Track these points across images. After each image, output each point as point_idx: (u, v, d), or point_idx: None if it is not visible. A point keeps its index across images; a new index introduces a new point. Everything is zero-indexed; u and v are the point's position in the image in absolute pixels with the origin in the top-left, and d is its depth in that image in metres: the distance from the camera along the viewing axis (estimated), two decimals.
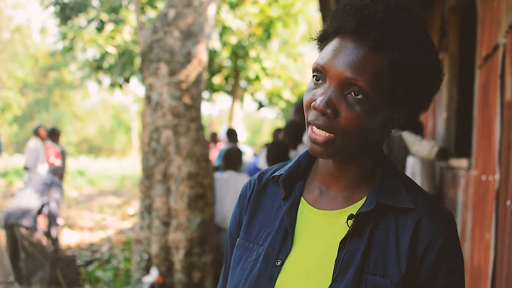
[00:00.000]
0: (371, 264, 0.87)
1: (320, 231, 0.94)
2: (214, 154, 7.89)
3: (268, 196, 1.03)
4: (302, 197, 0.99)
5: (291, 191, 0.99)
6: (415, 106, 0.93)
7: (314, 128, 0.88)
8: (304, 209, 0.97)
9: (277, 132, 6.68)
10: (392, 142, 3.87)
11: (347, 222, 0.90)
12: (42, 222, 5.26)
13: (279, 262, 0.93)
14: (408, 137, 3.92)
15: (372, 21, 0.86)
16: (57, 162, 8.06)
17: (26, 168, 7.64)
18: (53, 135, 7.97)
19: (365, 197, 0.93)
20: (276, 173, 1.03)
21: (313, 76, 0.91)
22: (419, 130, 4.39)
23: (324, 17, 6.90)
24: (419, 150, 3.84)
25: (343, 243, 0.89)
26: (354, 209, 0.92)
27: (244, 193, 1.07)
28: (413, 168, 4.46)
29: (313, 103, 0.88)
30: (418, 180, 4.32)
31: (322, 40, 0.95)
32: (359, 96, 0.85)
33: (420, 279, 0.87)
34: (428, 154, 3.80)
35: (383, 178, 0.93)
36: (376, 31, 0.85)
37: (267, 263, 0.94)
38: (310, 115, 0.89)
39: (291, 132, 4.27)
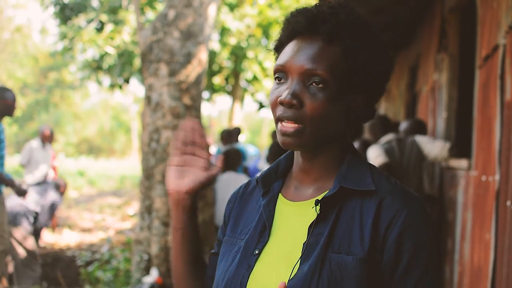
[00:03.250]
0: (336, 244, 0.92)
1: (294, 220, 1.00)
2: None
3: (254, 198, 1.11)
4: (280, 193, 1.06)
5: (270, 188, 1.06)
6: (371, 91, 1.00)
7: (284, 122, 0.95)
8: (281, 203, 1.04)
9: (276, 133, 6.69)
10: (404, 147, 3.86)
11: (315, 208, 0.96)
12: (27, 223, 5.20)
13: (256, 251, 0.99)
14: (421, 139, 3.92)
15: (321, 17, 0.95)
16: (55, 164, 8.05)
17: (23, 166, 7.65)
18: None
19: None
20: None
21: (275, 78, 0.99)
22: (424, 131, 4.38)
23: None
24: (431, 149, 3.83)
25: (310, 227, 0.95)
26: (321, 196, 0.98)
27: (231, 198, 1.16)
28: None
29: (279, 98, 0.95)
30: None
31: (278, 48, 1.04)
32: (320, 85, 0.93)
33: (385, 256, 0.91)
34: (440, 152, 3.78)
35: (349, 166, 0.99)
36: (326, 25, 0.94)
37: (246, 254, 1.00)
38: (278, 111, 0.96)
39: None
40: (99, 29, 10.54)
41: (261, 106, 14.50)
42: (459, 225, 3.44)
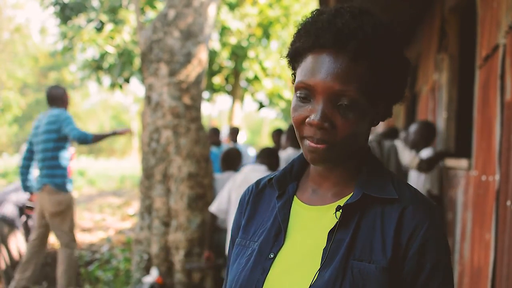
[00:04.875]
0: (357, 251, 0.92)
1: (311, 225, 0.99)
2: None
3: (266, 198, 1.09)
4: (295, 196, 1.04)
5: (285, 190, 1.05)
6: (392, 99, 1.00)
7: (313, 141, 0.92)
8: (297, 206, 1.02)
9: (276, 133, 6.69)
10: (382, 150, 3.93)
11: (335, 214, 0.95)
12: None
13: (271, 255, 0.98)
14: (399, 144, 4.00)
15: (347, 32, 0.90)
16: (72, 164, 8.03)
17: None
18: None
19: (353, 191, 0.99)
20: (272, 176, 1.09)
21: (297, 95, 0.94)
22: (429, 132, 4.37)
23: None
24: (402, 157, 3.93)
25: (331, 233, 0.94)
26: (342, 202, 0.97)
27: (243, 197, 1.13)
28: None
29: (307, 119, 0.91)
30: (421, 181, 4.30)
31: (295, 56, 0.98)
32: (350, 105, 0.90)
33: (406, 266, 0.91)
34: (410, 163, 3.89)
35: (370, 173, 0.98)
36: (353, 42, 0.89)
37: (261, 257, 0.98)
38: (306, 131, 0.93)
39: (294, 132, 4.36)
40: (99, 29, 10.53)
41: (261, 106, 14.50)
42: (459, 225, 3.44)
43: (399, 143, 4.08)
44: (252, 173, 3.74)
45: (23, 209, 5.18)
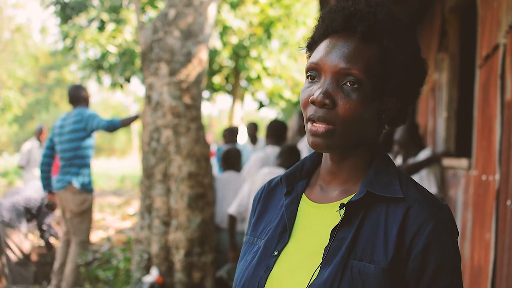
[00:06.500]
0: (358, 250, 0.90)
1: (317, 222, 0.98)
2: None
3: (276, 197, 1.08)
4: (304, 194, 1.03)
5: (294, 188, 1.03)
6: (405, 95, 0.97)
7: (314, 122, 0.92)
8: (304, 204, 1.01)
9: (251, 126, 6.95)
10: None
11: (339, 211, 0.93)
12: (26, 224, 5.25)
13: (275, 253, 0.97)
14: None
15: (358, 15, 0.92)
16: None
17: (22, 167, 7.67)
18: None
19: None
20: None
21: (307, 76, 0.96)
22: (415, 131, 4.34)
23: None
24: None
25: (333, 231, 0.93)
26: (347, 200, 0.96)
27: (255, 197, 1.13)
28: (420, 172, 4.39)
29: (311, 97, 0.92)
30: (425, 184, 4.28)
31: (311, 46, 1.01)
32: (355, 85, 0.90)
33: (409, 267, 0.89)
34: None
35: (377, 171, 0.96)
36: (363, 24, 0.91)
37: (266, 254, 0.98)
38: (309, 111, 0.93)
39: (274, 129, 4.45)
40: (101, 28, 10.53)
41: (261, 105, 14.51)
42: (459, 224, 3.44)
43: None
44: (270, 176, 3.60)
45: (27, 209, 5.19)
